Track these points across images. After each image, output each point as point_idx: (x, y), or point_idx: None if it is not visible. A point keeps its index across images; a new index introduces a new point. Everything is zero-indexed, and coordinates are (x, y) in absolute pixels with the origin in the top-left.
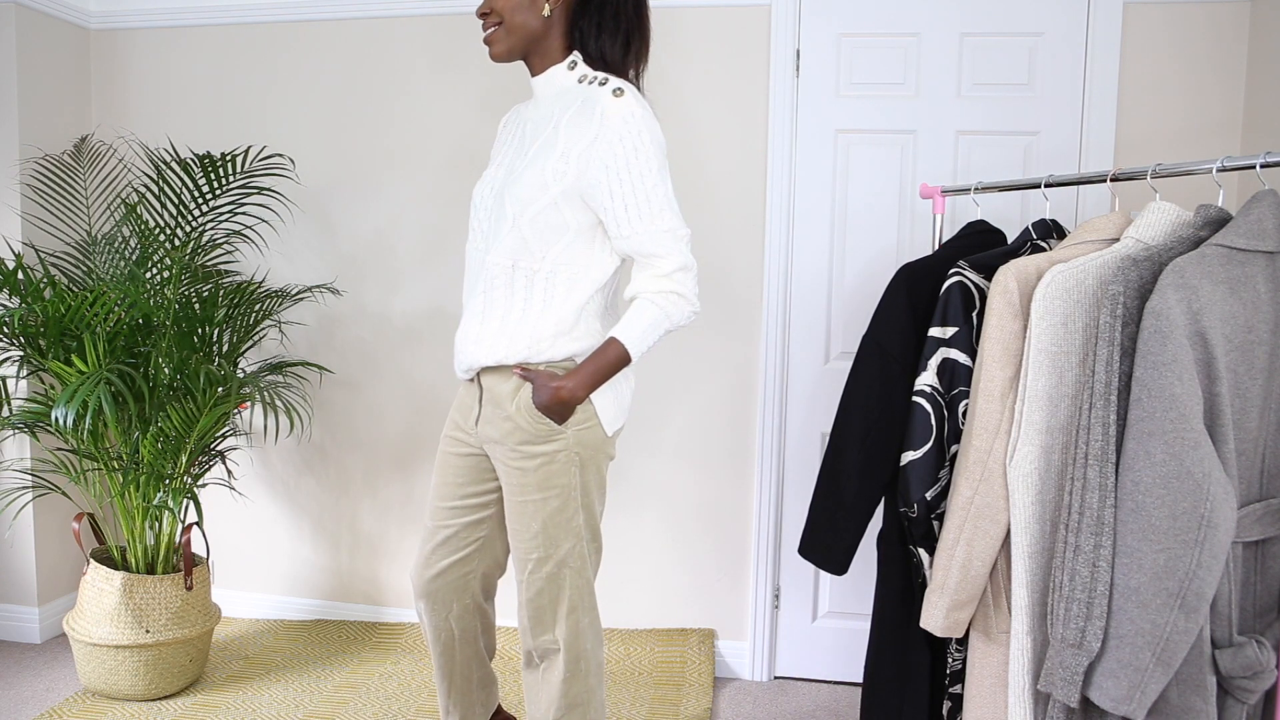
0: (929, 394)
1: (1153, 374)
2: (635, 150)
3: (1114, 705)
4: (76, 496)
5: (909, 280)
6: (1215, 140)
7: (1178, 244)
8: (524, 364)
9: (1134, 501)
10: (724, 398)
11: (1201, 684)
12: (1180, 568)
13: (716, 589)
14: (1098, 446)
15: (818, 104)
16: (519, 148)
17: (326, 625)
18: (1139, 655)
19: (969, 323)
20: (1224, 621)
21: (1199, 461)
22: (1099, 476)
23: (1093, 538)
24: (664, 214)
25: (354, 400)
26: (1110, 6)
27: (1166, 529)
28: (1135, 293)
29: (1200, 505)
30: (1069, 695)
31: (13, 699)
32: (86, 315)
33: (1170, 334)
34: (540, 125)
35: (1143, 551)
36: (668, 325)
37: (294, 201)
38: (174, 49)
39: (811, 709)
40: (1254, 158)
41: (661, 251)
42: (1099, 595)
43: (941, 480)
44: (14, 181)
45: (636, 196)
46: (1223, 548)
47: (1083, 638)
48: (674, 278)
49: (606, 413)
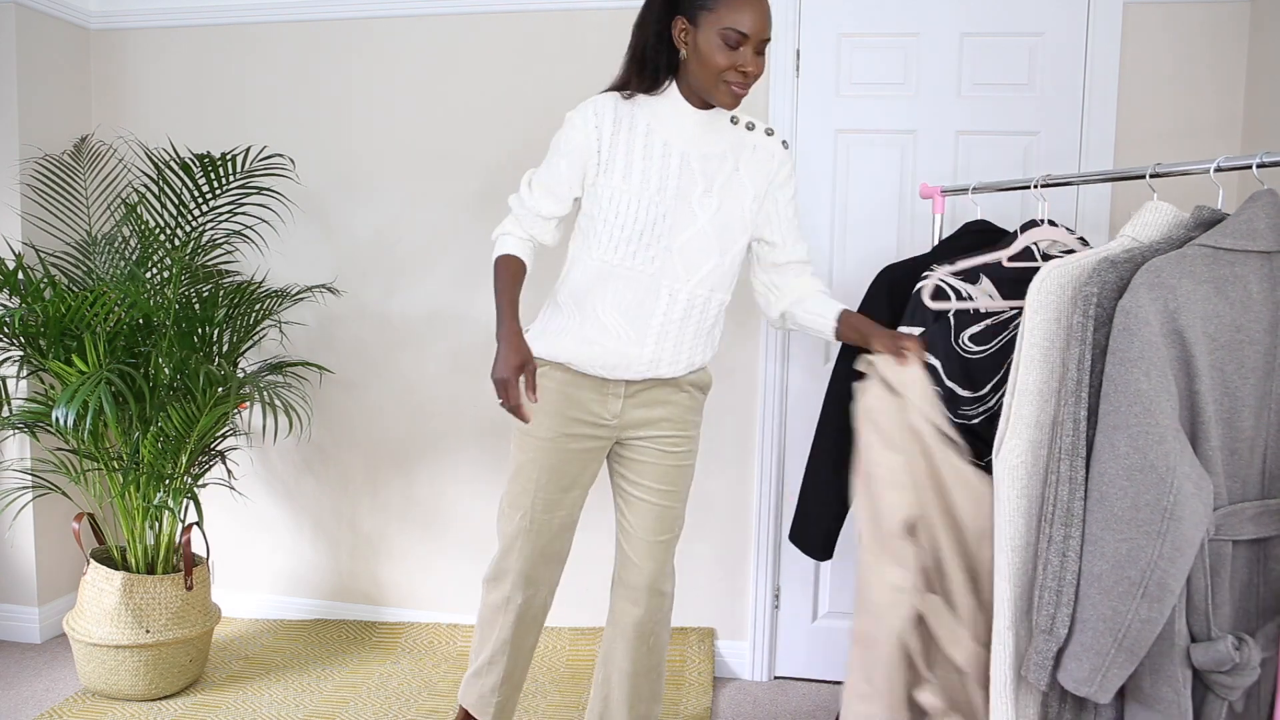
0: None
1: (1120, 370)
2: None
3: (1076, 686)
4: (76, 496)
5: (890, 280)
6: (1215, 140)
7: (1165, 244)
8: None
9: (1099, 492)
10: (724, 397)
11: (1173, 675)
12: (1142, 557)
13: (716, 588)
14: (1069, 441)
15: (818, 104)
16: (706, 182)
17: (326, 625)
18: (1100, 640)
19: (936, 322)
20: (1201, 616)
21: (1164, 455)
22: (1069, 470)
23: (1063, 529)
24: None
25: (354, 400)
26: (1110, 6)
27: (1129, 519)
28: (1112, 293)
29: (1163, 497)
30: (1040, 679)
31: (13, 699)
32: (87, 315)
33: (1138, 331)
34: (722, 161)
35: (1105, 540)
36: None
37: (294, 201)
38: (174, 49)
39: (811, 709)
40: (1251, 157)
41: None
42: (1068, 583)
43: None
44: (14, 181)
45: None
46: (1188, 541)
47: (1053, 624)
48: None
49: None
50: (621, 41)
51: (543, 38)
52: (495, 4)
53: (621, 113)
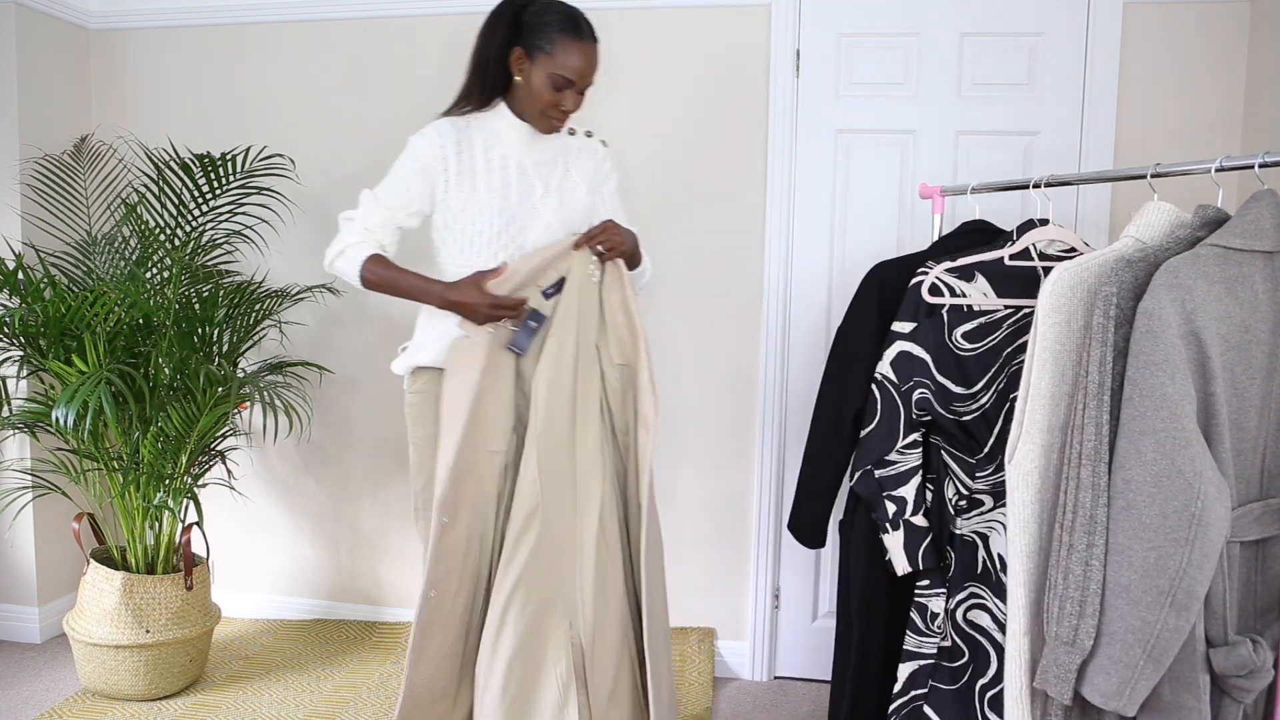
0: (880, 381)
1: (1145, 373)
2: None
3: (1104, 701)
4: (76, 496)
5: (882, 277)
6: (1215, 140)
7: (1174, 244)
8: None
9: (1125, 499)
10: (724, 397)
11: (1194, 682)
12: (1171, 565)
13: (716, 588)
14: (1091, 446)
15: (818, 104)
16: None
17: (326, 625)
18: (1129, 652)
19: (930, 318)
20: (1219, 620)
21: (1190, 460)
22: (1092, 475)
23: (1085, 536)
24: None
25: (354, 400)
26: (1110, 6)
27: (1157, 527)
28: (1129, 293)
29: (1191, 504)
30: (1062, 693)
31: (13, 699)
32: (87, 315)
33: (1162, 333)
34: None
35: (1133, 549)
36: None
37: (294, 201)
38: (174, 49)
39: (811, 709)
40: (1252, 157)
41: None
42: (1091, 593)
43: (895, 464)
44: (14, 181)
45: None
46: (1214, 546)
47: (1076, 635)
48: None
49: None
50: (634, 44)
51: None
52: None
53: (461, 134)
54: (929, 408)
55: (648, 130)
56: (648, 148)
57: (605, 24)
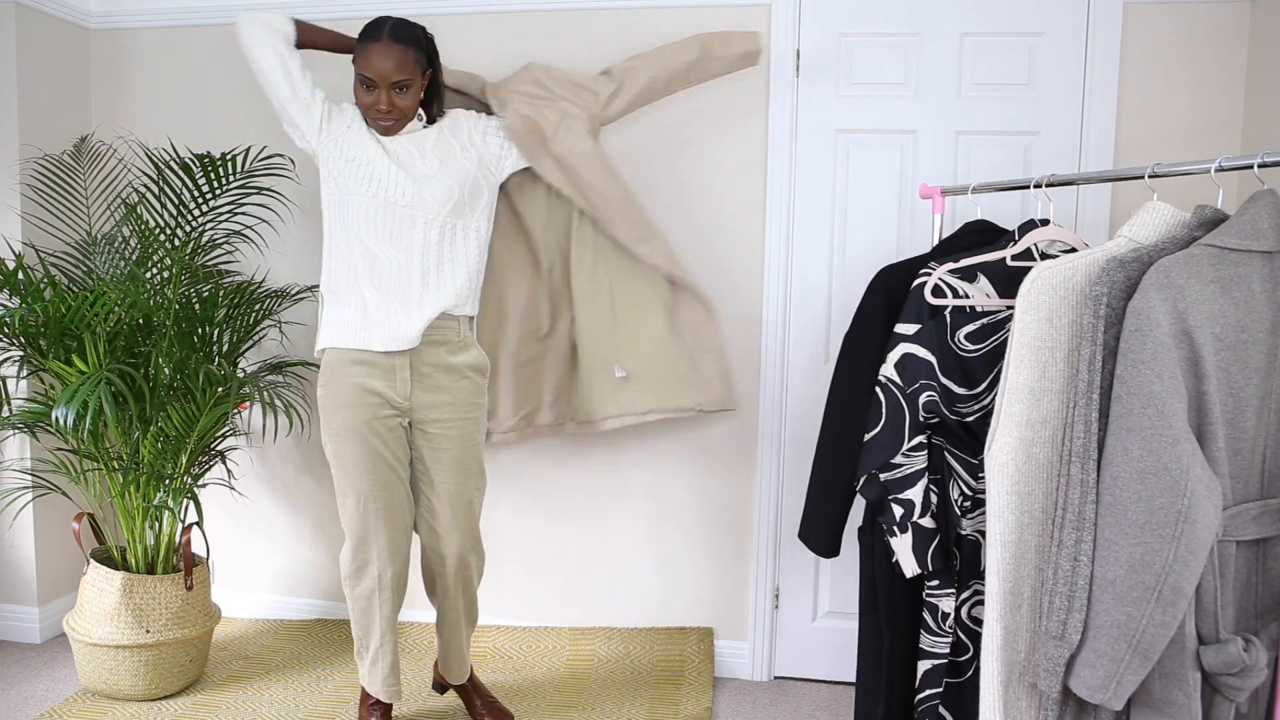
0: (884, 384)
1: (1132, 372)
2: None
3: (1090, 694)
4: (76, 496)
5: (888, 281)
6: (1215, 140)
7: (1170, 244)
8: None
9: (1112, 496)
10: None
11: (1183, 678)
12: (1156, 562)
13: (716, 588)
14: (1080, 444)
15: (818, 104)
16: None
17: (326, 625)
18: (1115, 646)
19: (933, 319)
20: (1210, 618)
21: (1177, 458)
22: (1080, 473)
23: (1074, 532)
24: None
25: None
26: (1110, 6)
27: (1143, 523)
28: (1121, 293)
29: (1177, 501)
30: (1050, 686)
31: (13, 699)
32: (86, 315)
33: (1150, 332)
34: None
35: (1119, 545)
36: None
37: (294, 201)
38: (174, 49)
39: (811, 709)
40: (1252, 157)
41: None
42: (1079, 589)
43: (900, 467)
44: (14, 181)
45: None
46: (1202, 544)
47: (1064, 629)
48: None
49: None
50: (634, 44)
51: (546, 36)
52: (495, 4)
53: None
54: (936, 410)
55: (648, 130)
56: (648, 147)
57: (606, 24)
